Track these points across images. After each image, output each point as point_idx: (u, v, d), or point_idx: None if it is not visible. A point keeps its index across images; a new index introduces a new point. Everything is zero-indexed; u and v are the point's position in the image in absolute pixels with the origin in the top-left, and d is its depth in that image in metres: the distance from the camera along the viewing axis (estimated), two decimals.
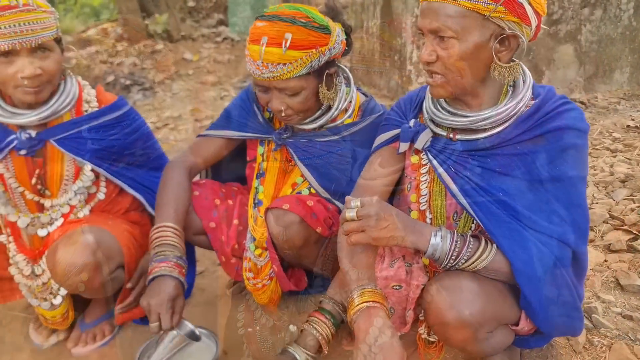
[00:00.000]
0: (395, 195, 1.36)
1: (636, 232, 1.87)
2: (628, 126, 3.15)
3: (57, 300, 1.50)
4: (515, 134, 1.09)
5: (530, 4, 1.01)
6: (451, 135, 1.16)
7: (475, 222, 1.18)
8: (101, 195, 1.53)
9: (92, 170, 1.47)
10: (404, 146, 1.23)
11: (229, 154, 1.65)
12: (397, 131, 1.26)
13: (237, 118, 1.56)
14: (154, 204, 1.49)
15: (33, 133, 1.40)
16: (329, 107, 1.45)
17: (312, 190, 1.51)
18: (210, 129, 1.60)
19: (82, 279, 1.32)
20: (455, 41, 1.02)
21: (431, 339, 1.28)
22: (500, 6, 0.98)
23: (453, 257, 1.06)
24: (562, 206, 1.06)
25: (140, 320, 1.64)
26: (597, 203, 2.16)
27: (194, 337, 1.32)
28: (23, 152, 1.40)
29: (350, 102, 1.49)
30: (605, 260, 1.77)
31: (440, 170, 1.16)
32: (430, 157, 1.18)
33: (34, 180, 1.45)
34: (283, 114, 1.37)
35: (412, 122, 1.22)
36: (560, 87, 4.15)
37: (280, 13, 1.27)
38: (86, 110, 1.48)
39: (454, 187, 1.13)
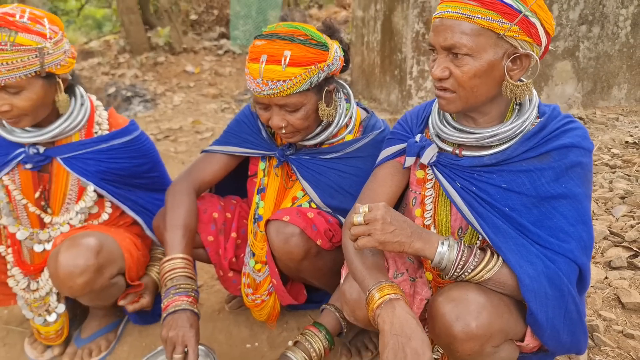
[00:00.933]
0: (399, 209, 1.36)
1: (636, 249, 1.87)
2: (626, 142, 3.17)
3: (52, 318, 1.49)
4: (521, 151, 1.10)
5: (542, 24, 1.03)
6: (457, 152, 1.17)
7: (480, 238, 1.18)
8: (105, 216, 1.54)
9: (95, 191, 1.47)
10: (409, 160, 1.23)
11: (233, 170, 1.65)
12: (402, 145, 1.27)
13: (240, 134, 1.57)
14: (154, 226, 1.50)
15: (41, 149, 1.41)
16: (330, 123, 1.46)
17: (313, 205, 1.52)
18: (214, 145, 1.60)
19: (84, 280, 1.31)
20: (469, 58, 1.03)
21: (435, 356, 1.27)
22: (515, 26, 1.00)
23: (459, 267, 1.06)
24: (568, 223, 1.06)
25: (139, 319, 1.63)
26: (597, 219, 2.16)
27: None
28: (29, 166, 1.41)
29: (351, 118, 1.50)
30: (606, 278, 1.77)
31: (447, 185, 1.16)
32: (437, 172, 1.19)
33: (37, 195, 1.46)
34: (284, 131, 1.38)
35: (418, 137, 1.23)
36: (558, 103, 4.18)
37: (279, 32, 1.29)
38: (96, 132, 1.49)
39: (460, 202, 1.14)
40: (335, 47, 1.36)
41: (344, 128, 1.49)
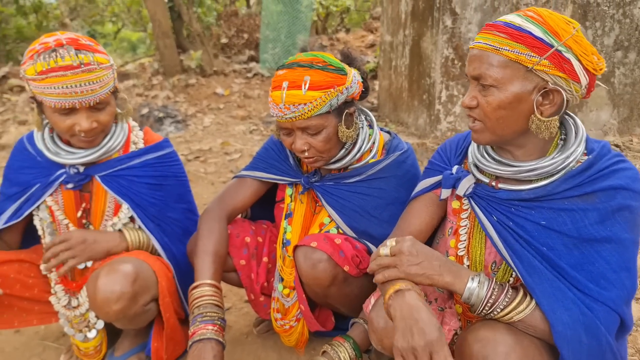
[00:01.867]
0: (435, 239, 1.35)
1: None
2: None
3: (92, 334, 1.53)
4: (563, 188, 1.06)
5: (579, 60, 1.00)
6: (493, 183, 1.15)
7: (514, 274, 1.15)
8: None
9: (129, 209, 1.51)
10: (445, 193, 1.23)
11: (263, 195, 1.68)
12: (438, 178, 1.26)
13: (268, 160, 1.61)
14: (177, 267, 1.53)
15: (81, 168, 1.47)
16: (352, 147, 1.48)
17: (340, 231, 1.53)
18: (244, 170, 1.64)
19: (119, 306, 1.34)
20: (494, 89, 1.03)
21: None
22: (545, 60, 0.98)
23: (489, 305, 1.04)
24: (610, 269, 1.01)
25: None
26: None
27: None
28: (70, 185, 1.46)
29: (374, 143, 1.53)
30: None
31: (482, 217, 1.14)
32: (473, 203, 1.17)
33: (79, 214, 1.51)
34: (306, 154, 1.41)
35: (454, 169, 1.22)
36: (593, 130, 4.09)
37: (299, 60, 1.35)
38: (133, 151, 1.54)
39: (495, 236, 1.11)
40: (353, 72, 1.40)
41: (368, 153, 1.51)
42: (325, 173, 1.55)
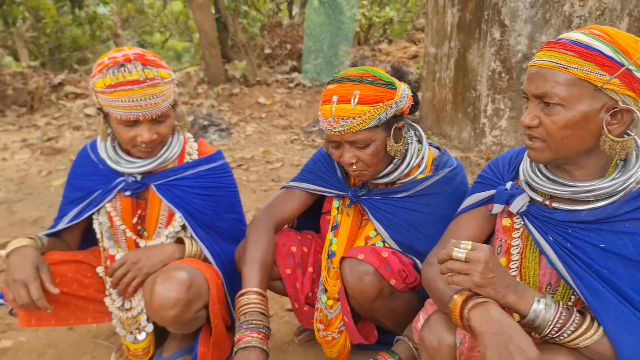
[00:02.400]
0: None
1: None
2: None
3: (141, 336, 1.58)
4: (625, 210, 1.03)
5: None
6: (547, 203, 1.12)
7: (572, 299, 1.12)
8: None
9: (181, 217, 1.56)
10: (497, 208, 1.20)
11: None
12: (491, 192, 1.24)
13: (316, 172, 1.62)
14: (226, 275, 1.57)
15: (138, 177, 1.53)
16: (401, 162, 1.48)
17: (386, 245, 1.52)
18: (292, 181, 1.66)
19: (174, 312, 1.38)
20: (561, 108, 1.00)
21: None
22: (615, 79, 0.96)
23: (555, 329, 1.00)
24: None
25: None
26: None
27: None
28: (128, 193, 1.53)
29: (423, 158, 1.52)
30: None
31: (539, 238, 1.11)
32: (527, 222, 1.14)
33: (134, 220, 1.57)
34: (354, 167, 1.41)
35: (509, 185, 1.19)
36: None
37: (349, 75, 1.36)
38: (187, 162, 1.59)
39: (554, 257, 1.08)
40: (403, 87, 1.40)
41: (416, 168, 1.50)
42: (372, 187, 1.55)
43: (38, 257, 1.40)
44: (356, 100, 1.31)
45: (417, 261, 1.49)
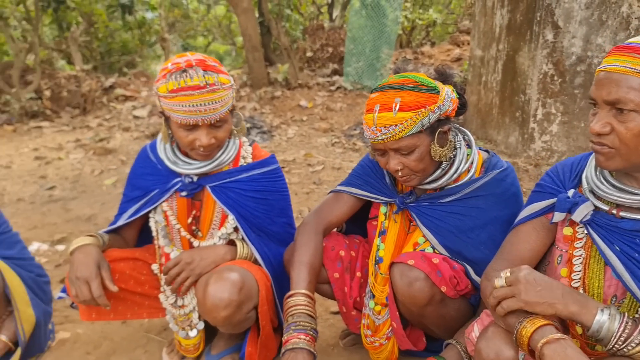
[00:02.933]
0: (540, 267, 1.28)
1: None
2: None
3: (193, 333, 1.62)
4: None
5: None
6: (614, 211, 1.07)
7: (639, 311, 1.06)
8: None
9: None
10: (558, 216, 1.16)
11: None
12: (551, 201, 1.20)
13: (364, 177, 1.62)
14: (275, 277, 1.58)
15: (195, 178, 1.57)
16: (449, 168, 1.45)
17: (436, 251, 1.49)
18: (340, 185, 1.66)
19: (227, 313, 1.40)
20: (636, 114, 0.96)
21: None
22: None
23: (621, 340, 0.96)
24: None
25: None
26: None
27: None
28: (184, 193, 1.57)
29: (472, 163, 1.49)
30: None
31: (604, 248, 1.07)
32: (592, 232, 1.10)
33: (189, 220, 1.61)
34: (400, 174, 1.40)
35: (571, 192, 1.15)
36: None
37: (390, 83, 1.36)
38: (242, 165, 1.62)
39: (621, 268, 1.03)
40: (446, 90, 1.38)
41: (466, 173, 1.47)
42: (420, 193, 1.53)
43: (99, 255, 1.46)
44: (397, 107, 1.30)
45: (469, 268, 1.46)
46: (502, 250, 1.29)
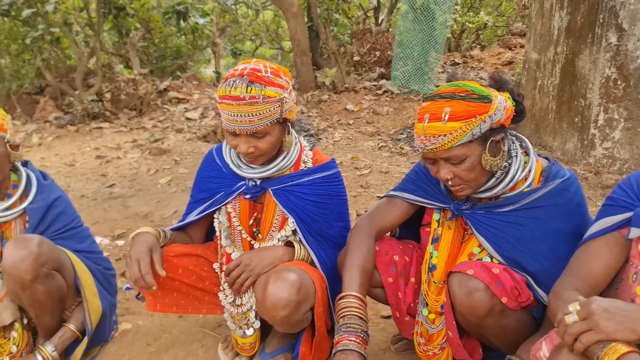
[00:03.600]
0: (612, 285, 1.23)
1: None
2: None
3: (249, 332, 1.67)
4: None
5: None
6: None
7: None
8: None
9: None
10: (636, 232, 1.11)
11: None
12: (626, 215, 1.15)
13: (418, 182, 1.61)
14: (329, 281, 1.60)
15: (258, 181, 1.62)
16: (504, 176, 1.42)
17: (495, 260, 1.46)
18: (395, 190, 1.66)
19: (285, 313, 1.43)
20: None
21: None
22: None
23: None
24: None
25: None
26: None
27: None
28: (248, 196, 1.62)
29: (530, 171, 1.44)
30: None
31: None
32: None
33: (250, 222, 1.66)
34: (451, 183, 1.39)
35: None
36: None
37: (441, 92, 1.34)
38: (302, 169, 1.66)
39: None
40: (499, 98, 1.34)
41: (522, 181, 1.43)
42: (476, 201, 1.51)
43: (154, 242, 1.53)
44: (446, 117, 1.29)
45: (530, 279, 1.42)
46: (572, 267, 1.24)
